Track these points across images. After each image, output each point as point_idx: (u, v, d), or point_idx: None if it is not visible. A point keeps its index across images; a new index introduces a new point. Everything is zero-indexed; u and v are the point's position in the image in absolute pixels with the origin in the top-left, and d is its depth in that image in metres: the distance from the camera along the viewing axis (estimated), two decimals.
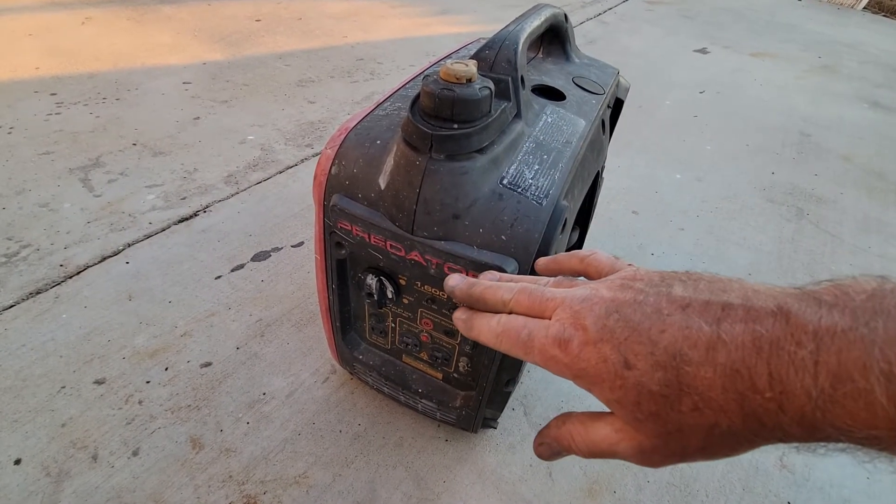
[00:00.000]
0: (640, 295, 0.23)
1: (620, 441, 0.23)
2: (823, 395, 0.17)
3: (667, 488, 0.63)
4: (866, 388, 0.16)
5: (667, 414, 0.21)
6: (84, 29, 1.59)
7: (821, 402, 0.17)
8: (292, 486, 0.59)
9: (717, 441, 0.20)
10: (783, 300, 0.19)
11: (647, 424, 0.21)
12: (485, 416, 0.59)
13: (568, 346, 0.23)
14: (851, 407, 0.16)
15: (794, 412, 0.18)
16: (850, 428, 0.17)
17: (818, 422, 0.17)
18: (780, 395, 0.18)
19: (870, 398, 0.16)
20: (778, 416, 0.18)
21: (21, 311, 0.74)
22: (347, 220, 0.44)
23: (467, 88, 0.38)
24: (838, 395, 0.17)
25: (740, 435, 0.20)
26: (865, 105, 1.78)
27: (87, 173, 1.02)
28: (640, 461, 0.24)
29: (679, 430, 0.21)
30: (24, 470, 0.58)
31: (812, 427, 0.18)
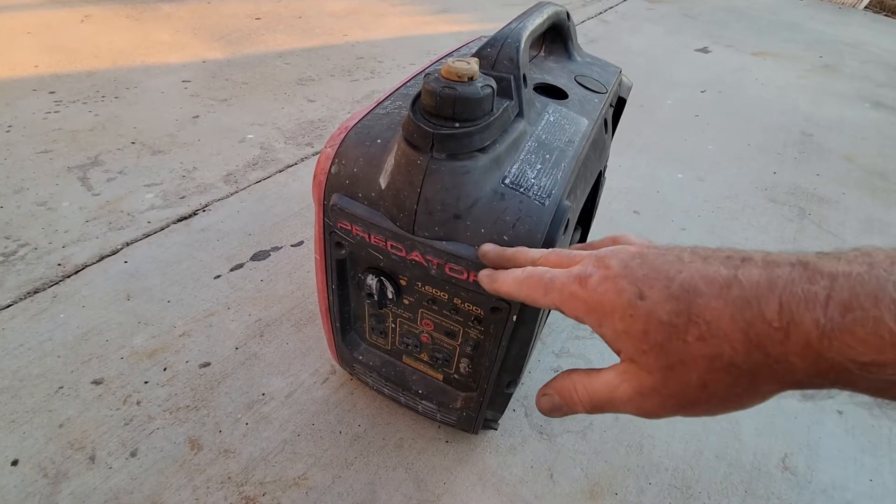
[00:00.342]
0: (665, 249, 0.24)
1: (621, 384, 0.23)
2: (832, 322, 0.17)
3: (668, 490, 0.63)
4: (876, 315, 0.16)
5: (672, 344, 0.21)
6: (83, 27, 1.58)
7: (828, 329, 0.17)
8: (291, 488, 0.59)
9: (717, 377, 0.20)
10: (803, 256, 0.20)
11: (651, 357, 0.22)
12: (485, 417, 0.59)
13: (587, 281, 0.24)
14: (860, 332, 0.17)
15: (800, 340, 0.18)
16: (857, 355, 0.17)
17: (824, 350, 0.17)
18: (788, 324, 0.18)
19: (878, 324, 0.16)
20: (783, 346, 0.18)
21: (19, 311, 0.74)
22: (347, 220, 0.44)
23: (469, 87, 0.37)
24: (847, 322, 0.17)
25: (741, 369, 0.20)
26: (867, 105, 1.78)
27: (86, 172, 1.02)
28: (638, 407, 0.23)
29: (682, 363, 0.21)
30: (21, 471, 0.57)
31: (817, 357, 0.18)
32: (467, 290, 0.43)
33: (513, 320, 0.45)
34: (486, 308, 0.45)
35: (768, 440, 0.70)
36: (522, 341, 0.48)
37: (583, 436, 0.67)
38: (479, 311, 0.47)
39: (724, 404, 0.21)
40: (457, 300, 0.47)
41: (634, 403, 0.23)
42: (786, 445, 0.69)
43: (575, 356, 0.77)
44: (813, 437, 0.71)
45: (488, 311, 0.45)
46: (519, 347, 0.48)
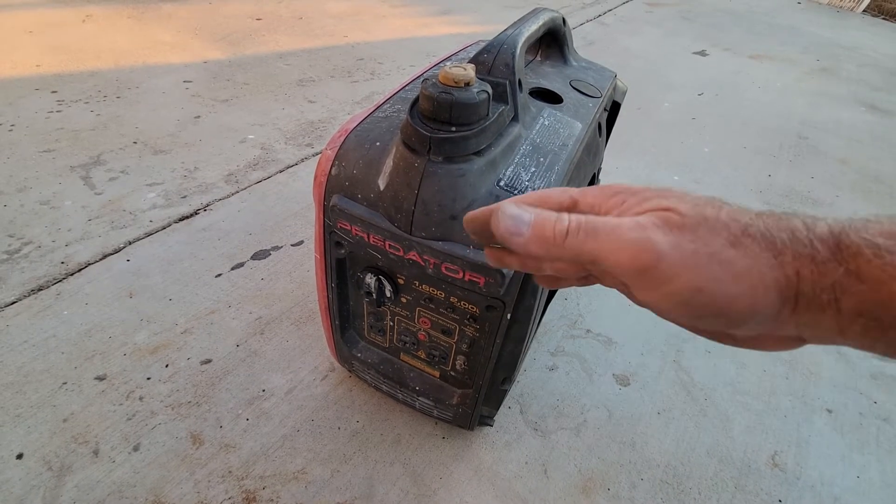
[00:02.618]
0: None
1: (637, 224, 0.20)
2: (854, 222, 0.18)
3: (660, 486, 0.64)
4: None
5: (707, 209, 0.21)
6: (85, 27, 1.59)
7: (850, 225, 0.18)
8: (291, 482, 0.60)
9: (747, 242, 0.19)
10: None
11: (686, 204, 0.21)
12: (481, 413, 0.60)
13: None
14: (875, 227, 0.18)
15: (824, 230, 0.19)
16: (878, 234, 0.18)
17: (844, 235, 0.18)
18: (813, 224, 0.19)
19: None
20: (807, 232, 0.19)
21: (23, 308, 0.75)
22: (347, 220, 0.45)
23: (465, 92, 0.38)
24: (871, 220, 0.18)
25: (768, 239, 0.19)
26: (863, 108, 1.79)
27: (88, 171, 1.03)
28: (642, 261, 0.19)
29: (704, 219, 0.20)
30: (25, 464, 0.59)
31: (837, 240, 0.18)
32: (463, 288, 0.45)
33: (507, 318, 0.46)
34: (481, 306, 0.46)
35: (758, 437, 0.71)
36: (517, 339, 0.49)
37: (577, 433, 0.69)
38: (474, 310, 0.48)
39: (730, 299, 0.19)
40: (453, 298, 0.48)
41: (637, 263, 0.19)
42: (775, 443, 0.71)
43: (570, 355, 0.79)
44: (802, 435, 0.72)
45: (484, 309, 0.46)
46: (514, 345, 0.50)
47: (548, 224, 0.21)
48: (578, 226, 0.21)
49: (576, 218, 0.21)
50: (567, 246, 0.21)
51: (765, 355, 0.83)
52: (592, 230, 0.20)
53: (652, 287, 0.20)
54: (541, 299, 0.50)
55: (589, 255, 0.20)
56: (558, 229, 0.21)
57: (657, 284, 0.20)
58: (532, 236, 0.21)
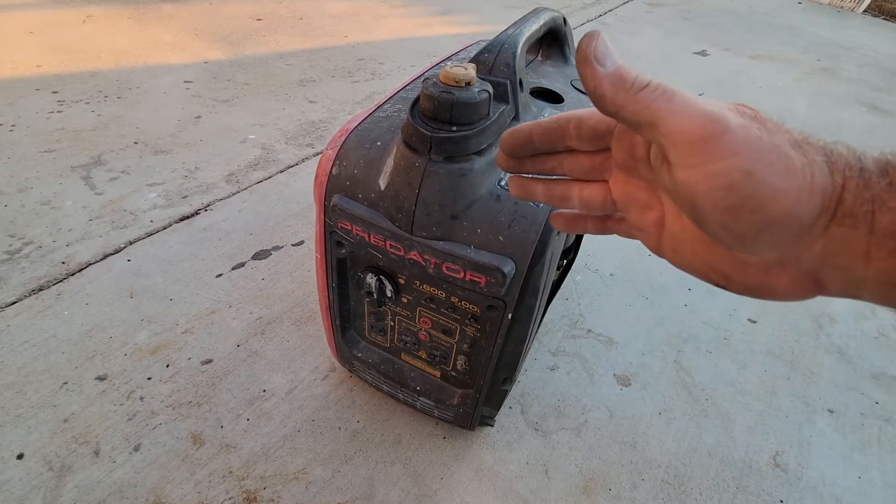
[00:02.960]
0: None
1: (709, 104, 0.20)
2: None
3: (661, 486, 0.64)
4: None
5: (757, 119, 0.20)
6: (85, 27, 1.60)
7: (888, 168, 0.19)
8: (292, 482, 0.60)
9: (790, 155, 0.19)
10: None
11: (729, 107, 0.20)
12: (482, 413, 0.60)
13: None
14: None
15: (875, 154, 0.20)
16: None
17: (894, 157, 0.19)
18: (865, 151, 0.20)
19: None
20: (860, 152, 0.20)
21: (23, 308, 0.75)
22: (348, 220, 0.45)
23: (466, 92, 0.38)
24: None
25: (819, 152, 0.19)
26: (864, 108, 1.79)
27: (89, 171, 1.03)
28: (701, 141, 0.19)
29: (772, 120, 0.20)
30: (26, 464, 0.59)
31: (887, 160, 0.19)
32: (464, 288, 0.44)
33: (508, 318, 0.46)
34: (482, 306, 0.46)
35: (760, 438, 0.71)
36: (518, 339, 0.49)
37: (578, 433, 0.69)
38: (475, 309, 0.48)
39: (789, 175, 0.19)
40: (454, 298, 0.48)
41: (710, 123, 0.19)
42: (777, 443, 0.70)
43: (571, 355, 0.79)
44: (804, 436, 0.72)
45: (484, 308, 0.46)
46: (514, 345, 0.50)
47: (631, 71, 0.21)
48: (659, 85, 0.21)
49: (658, 80, 0.21)
50: (639, 98, 0.20)
51: (766, 356, 0.83)
52: (670, 92, 0.20)
53: (703, 161, 0.19)
54: (542, 299, 0.49)
55: (654, 114, 0.20)
56: (639, 79, 0.21)
57: (711, 159, 0.19)
58: (613, 72, 0.21)
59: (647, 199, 0.25)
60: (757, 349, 0.84)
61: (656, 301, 0.90)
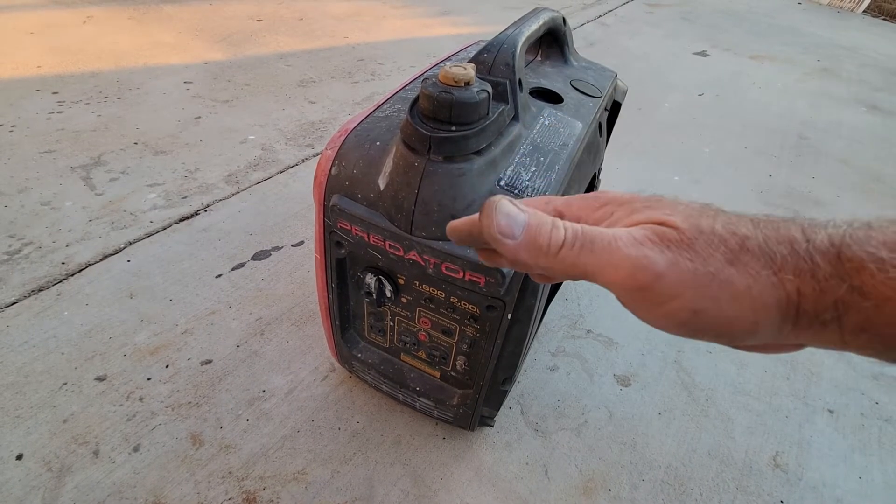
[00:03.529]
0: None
1: (630, 245, 0.19)
2: (856, 231, 0.18)
3: (661, 486, 0.64)
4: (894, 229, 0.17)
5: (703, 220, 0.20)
6: (86, 28, 1.60)
7: (851, 235, 0.18)
8: (291, 483, 0.60)
9: (745, 257, 0.18)
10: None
11: (680, 217, 0.20)
12: (482, 414, 0.60)
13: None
14: (879, 236, 0.17)
15: (824, 241, 0.18)
16: (882, 246, 0.17)
17: (846, 247, 0.18)
18: (812, 233, 0.18)
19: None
20: (807, 244, 0.18)
21: (23, 308, 0.75)
22: (347, 220, 0.45)
23: (465, 91, 0.38)
24: (873, 228, 0.18)
25: (760, 262, 0.18)
26: (864, 108, 1.79)
27: (89, 172, 1.03)
28: (636, 291, 0.19)
29: (700, 233, 0.19)
30: (25, 465, 0.59)
31: (839, 251, 0.18)
32: (463, 288, 0.44)
33: (508, 318, 0.46)
34: (481, 306, 0.46)
35: (760, 438, 0.71)
36: (517, 339, 0.49)
37: (577, 433, 0.69)
38: (475, 310, 0.48)
39: (736, 302, 0.18)
40: (453, 298, 0.48)
41: (638, 272, 0.19)
42: (777, 443, 0.70)
43: (571, 355, 0.79)
44: (804, 436, 0.72)
45: (484, 309, 0.46)
46: (514, 345, 0.49)
47: (543, 230, 0.20)
48: (575, 237, 0.20)
49: (572, 228, 0.20)
50: (560, 257, 0.20)
51: (766, 357, 0.83)
52: (589, 243, 0.20)
53: (648, 306, 0.19)
54: (541, 299, 0.49)
55: (583, 269, 0.20)
56: (554, 238, 0.20)
57: (654, 304, 0.19)
58: (524, 242, 0.20)
59: None
60: None
61: None
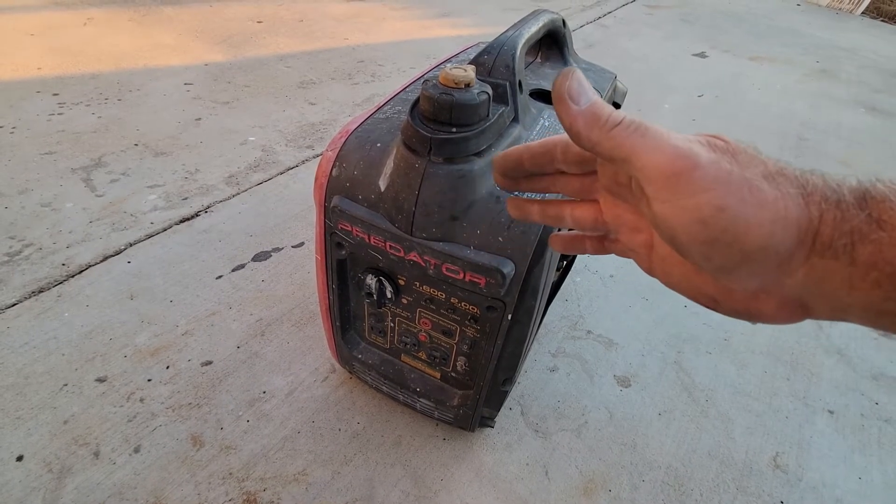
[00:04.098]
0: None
1: (680, 139, 0.20)
2: (884, 178, 0.19)
3: (661, 487, 0.64)
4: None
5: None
6: (86, 29, 1.60)
7: (879, 181, 0.19)
8: (291, 484, 0.60)
9: (762, 188, 0.19)
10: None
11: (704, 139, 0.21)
12: (482, 415, 0.60)
13: None
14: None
15: (853, 182, 0.19)
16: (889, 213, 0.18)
17: (873, 186, 0.18)
18: (844, 178, 0.19)
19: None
20: (838, 180, 0.19)
21: (23, 310, 0.75)
22: (348, 221, 0.45)
23: (466, 93, 0.39)
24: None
25: (793, 183, 0.19)
26: (863, 110, 1.79)
27: (90, 173, 1.03)
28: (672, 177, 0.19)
29: (746, 150, 0.20)
30: (26, 466, 0.59)
31: (865, 189, 0.18)
32: (464, 289, 0.45)
33: (508, 319, 0.46)
34: (482, 307, 0.46)
35: (760, 439, 0.71)
36: (517, 340, 0.49)
37: (578, 434, 0.69)
38: (475, 310, 0.48)
39: (761, 208, 0.19)
40: (454, 299, 0.48)
41: (679, 159, 0.19)
42: (777, 444, 0.70)
43: (571, 356, 0.79)
44: (804, 436, 0.72)
45: (484, 309, 0.46)
46: (514, 346, 0.50)
47: (605, 108, 0.21)
48: (632, 121, 0.21)
49: (630, 116, 0.21)
50: (612, 135, 0.21)
51: (766, 357, 0.83)
52: (643, 128, 0.21)
53: (676, 196, 0.19)
54: (541, 300, 0.50)
55: (628, 150, 0.20)
56: (613, 116, 0.21)
57: (683, 194, 0.19)
58: (587, 110, 0.21)
59: (636, 221, 0.25)
60: (757, 350, 0.84)
61: (656, 302, 0.90)
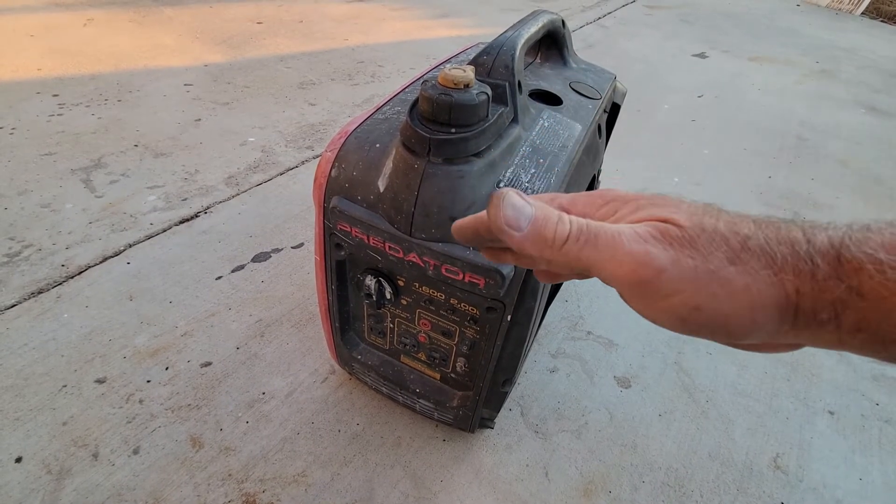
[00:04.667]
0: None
1: (633, 241, 0.19)
2: (855, 232, 0.18)
3: (662, 488, 0.64)
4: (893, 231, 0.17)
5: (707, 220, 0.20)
6: (86, 30, 1.60)
7: (851, 236, 0.18)
8: (291, 485, 0.60)
9: (746, 256, 0.19)
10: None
11: (684, 215, 0.20)
12: (482, 416, 0.60)
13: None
14: (885, 234, 0.18)
15: (824, 242, 0.18)
16: (880, 248, 0.17)
17: (845, 248, 0.18)
18: (813, 235, 0.19)
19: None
20: (807, 245, 0.19)
21: (23, 311, 0.75)
22: (347, 222, 0.45)
23: (465, 94, 0.38)
24: (872, 230, 0.18)
25: (761, 262, 0.19)
26: (863, 110, 1.79)
27: (89, 174, 1.03)
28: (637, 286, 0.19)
29: (703, 231, 0.19)
30: (25, 468, 0.58)
31: (838, 253, 0.18)
32: (463, 290, 0.44)
33: (507, 320, 0.46)
34: (481, 308, 0.46)
35: (760, 440, 0.71)
36: (517, 341, 0.49)
37: (578, 435, 0.68)
38: (474, 311, 0.48)
39: (734, 299, 0.18)
40: (453, 300, 0.48)
41: (640, 268, 0.19)
42: (777, 445, 0.70)
43: (571, 357, 0.79)
44: (804, 437, 0.72)
45: (484, 311, 0.46)
46: (514, 347, 0.49)
47: (549, 224, 0.20)
48: (580, 231, 0.20)
49: (577, 222, 0.20)
50: (564, 251, 0.20)
51: (767, 358, 0.83)
52: (593, 237, 0.20)
53: (649, 301, 0.20)
54: (541, 301, 0.49)
55: (585, 262, 0.20)
56: (559, 232, 0.20)
57: (654, 299, 0.19)
58: (530, 233, 0.21)
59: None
60: None
61: None
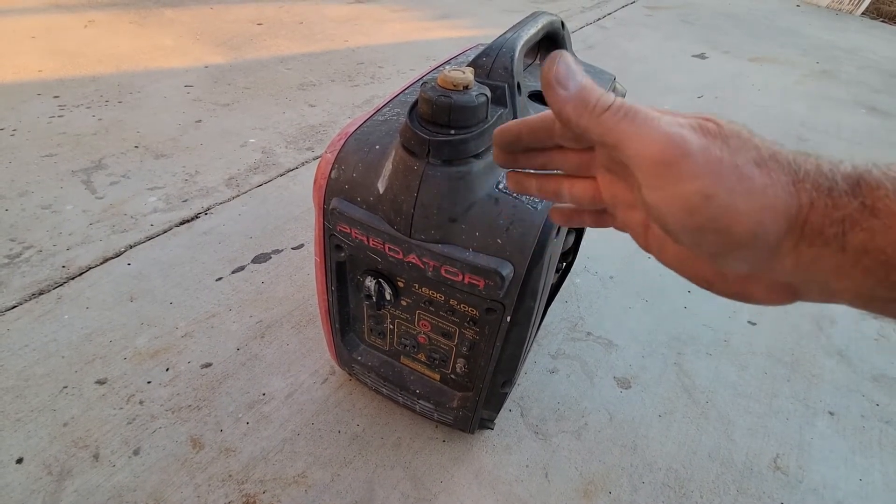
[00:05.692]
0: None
1: (670, 124, 0.20)
2: (880, 163, 0.18)
3: (661, 489, 0.64)
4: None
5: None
6: (87, 32, 1.60)
7: (874, 165, 0.18)
8: (291, 486, 0.60)
9: (752, 176, 0.19)
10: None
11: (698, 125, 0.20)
12: (482, 416, 0.60)
13: None
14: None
15: (847, 167, 0.19)
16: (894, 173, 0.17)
17: (867, 172, 0.18)
18: (839, 162, 0.19)
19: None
20: (831, 167, 0.19)
21: (24, 312, 0.75)
22: (347, 223, 0.45)
23: (464, 95, 0.39)
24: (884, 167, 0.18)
25: (784, 170, 0.19)
26: (863, 110, 1.79)
27: (90, 175, 1.03)
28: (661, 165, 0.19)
29: (738, 134, 0.20)
30: (25, 469, 0.59)
31: (859, 175, 0.18)
32: (463, 291, 0.45)
33: (507, 321, 0.46)
34: (481, 309, 0.46)
35: (760, 440, 0.71)
36: (516, 342, 0.49)
37: (578, 436, 0.68)
38: (474, 312, 0.48)
39: (749, 197, 0.18)
40: (453, 301, 0.48)
41: (669, 147, 0.19)
42: (778, 446, 0.70)
43: (570, 357, 0.79)
44: (805, 438, 0.72)
45: (483, 311, 0.46)
46: (513, 348, 0.50)
47: (594, 92, 0.21)
48: (621, 106, 0.20)
49: (620, 99, 0.21)
50: (602, 120, 0.20)
51: (767, 358, 0.83)
52: (633, 113, 0.20)
53: (666, 184, 0.19)
54: (540, 302, 0.50)
55: (618, 134, 0.20)
56: (602, 100, 0.21)
57: (673, 182, 0.19)
58: (575, 95, 0.21)
59: (632, 200, 0.24)
60: (757, 351, 0.84)
61: (656, 303, 0.90)
